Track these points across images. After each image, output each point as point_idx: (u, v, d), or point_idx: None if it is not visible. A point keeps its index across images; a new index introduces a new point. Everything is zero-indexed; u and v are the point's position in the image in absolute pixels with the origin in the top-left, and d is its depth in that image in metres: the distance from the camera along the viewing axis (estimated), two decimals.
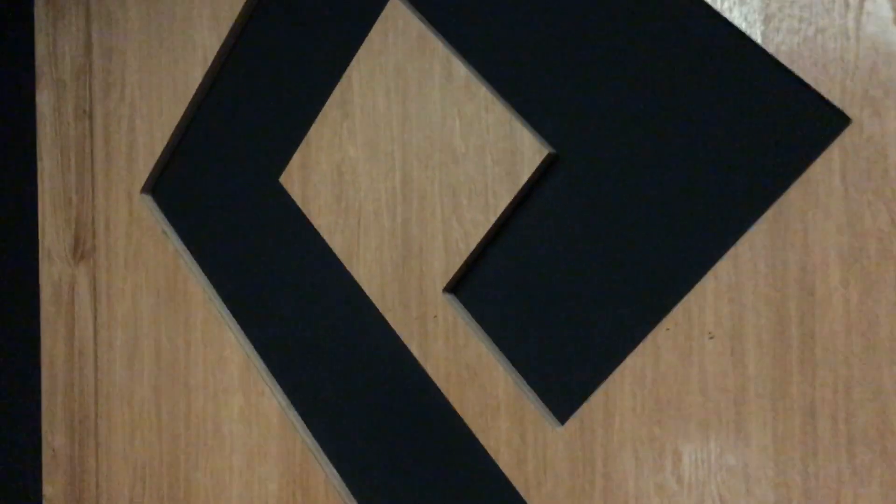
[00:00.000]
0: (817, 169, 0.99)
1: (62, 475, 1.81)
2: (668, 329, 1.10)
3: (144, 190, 1.68)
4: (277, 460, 1.48)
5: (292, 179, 1.47)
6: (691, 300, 1.08)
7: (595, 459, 1.16)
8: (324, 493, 1.43)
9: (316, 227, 1.44)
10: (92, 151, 1.74)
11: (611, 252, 1.16)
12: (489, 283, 1.29)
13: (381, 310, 1.37)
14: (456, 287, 1.31)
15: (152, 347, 1.66)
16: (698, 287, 1.07)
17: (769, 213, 1.02)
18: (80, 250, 1.76)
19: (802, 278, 1.00)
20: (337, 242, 1.42)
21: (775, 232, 1.02)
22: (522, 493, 1.22)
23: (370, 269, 1.38)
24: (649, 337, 1.11)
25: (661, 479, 1.10)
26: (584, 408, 1.17)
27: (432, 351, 1.31)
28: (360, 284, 1.39)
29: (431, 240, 1.31)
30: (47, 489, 1.83)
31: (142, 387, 1.68)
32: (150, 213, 1.66)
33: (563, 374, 1.21)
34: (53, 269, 1.81)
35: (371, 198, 1.37)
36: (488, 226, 1.26)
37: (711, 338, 1.06)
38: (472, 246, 1.27)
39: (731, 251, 1.05)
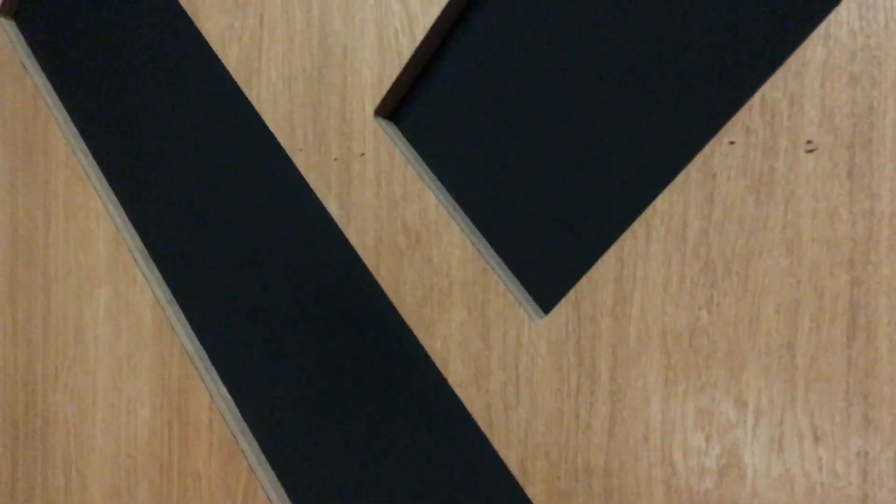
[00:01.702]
0: None
1: None
2: (732, 142, 0.63)
3: (3, 13, 1.23)
4: (150, 375, 1.05)
5: None
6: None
7: (597, 366, 0.70)
8: (207, 423, 0.99)
9: (205, 35, 0.99)
10: None
11: (613, 55, 0.70)
12: (441, 102, 0.83)
13: (288, 151, 0.92)
14: (394, 110, 0.85)
15: (7, 224, 1.22)
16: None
17: None
18: None
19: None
20: (232, 57, 0.96)
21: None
22: (482, 425, 0.77)
23: (274, 92, 0.92)
24: (701, 155, 0.65)
25: (705, 399, 0.65)
26: (581, 288, 0.71)
27: (358, 208, 0.86)
28: (262, 115, 0.94)
29: (360, 37, 0.85)
30: None
31: None
32: (8, 41, 1.22)
33: (550, 238, 0.76)
34: None
35: None
36: (440, 10, 0.80)
37: (811, 149, 0.60)
38: (418, 42, 0.81)
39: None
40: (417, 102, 0.85)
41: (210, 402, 0.99)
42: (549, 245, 0.76)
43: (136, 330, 1.06)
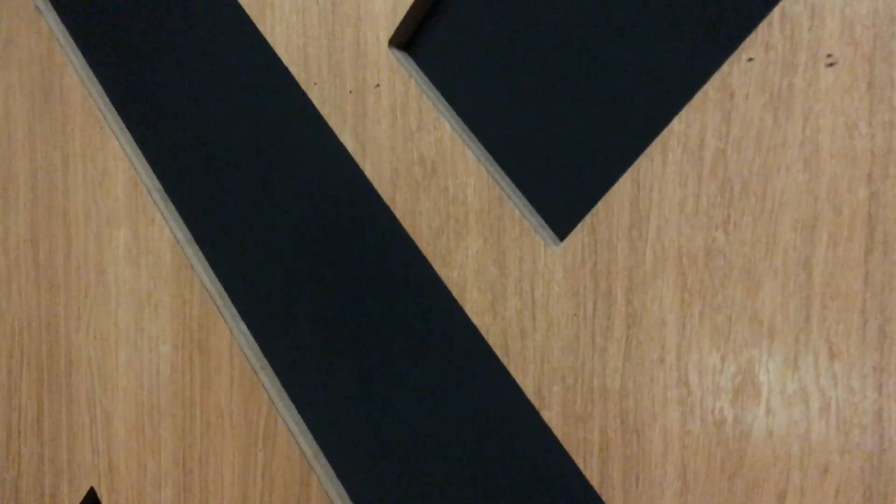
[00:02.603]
0: None
1: None
2: (750, 59, 0.63)
3: None
4: (171, 314, 1.06)
5: None
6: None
7: (613, 290, 0.70)
8: (227, 358, 1.00)
9: None
10: None
11: None
12: (456, 31, 0.82)
13: (302, 84, 0.92)
14: (408, 40, 0.85)
15: (26, 167, 1.23)
16: None
17: None
18: None
19: None
20: None
21: None
22: (499, 352, 0.78)
23: (287, 25, 0.92)
24: (723, 68, 0.64)
25: (720, 318, 0.65)
26: (597, 212, 0.71)
27: (373, 140, 0.86)
28: (275, 49, 0.94)
29: None
30: None
31: (17, 223, 1.26)
32: None
33: (565, 165, 0.76)
34: None
35: None
36: None
37: (831, 64, 0.59)
38: None
39: None
40: (432, 32, 0.84)
41: (230, 338, 1.00)
42: (563, 171, 0.76)
43: (155, 269, 1.07)
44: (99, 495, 1.16)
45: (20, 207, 1.25)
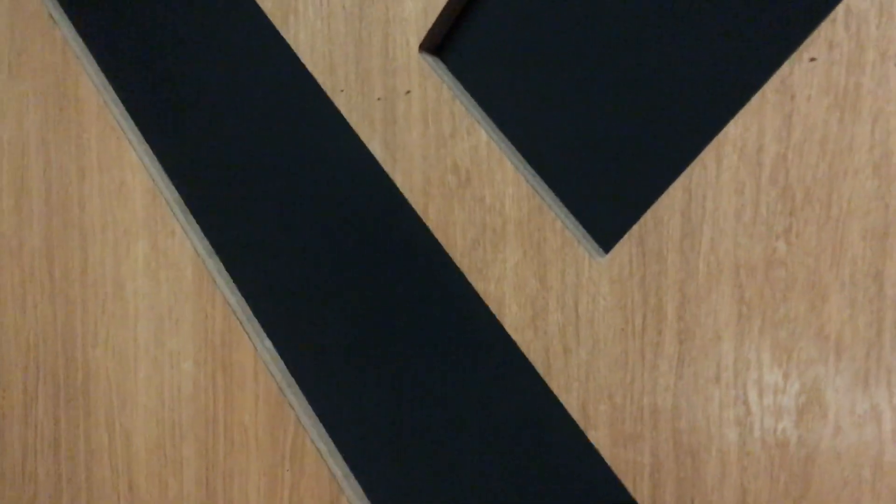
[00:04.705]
0: None
1: None
2: (812, 59, 0.59)
3: None
4: (193, 329, 1.03)
5: None
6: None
7: (664, 304, 0.67)
8: (252, 375, 0.97)
9: None
10: None
11: None
12: (489, 34, 0.79)
13: (328, 92, 0.88)
14: (440, 44, 0.82)
15: (41, 179, 1.20)
16: None
17: None
18: None
19: None
20: None
21: None
22: (540, 369, 0.74)
23: (313, 31, 0.89)
24: (776, 76, 0.61)
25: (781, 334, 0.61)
26: (646, 222, 0.68)
27: (404, 148, 0.83)
28: (300, 56, 0.90)
29: None
30: None
31: (31, 236, 1.23)
32: None
33: (608, 172, 0.72)
34: None
35: None
36: None
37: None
38: None
39: None
40: (464, 35, 0.81)
41: (255, 354, 0.97)
42: (608, 180, 0.73)
43: (176, 283, 1.04)
44: None
45: (34, 219, 1.22)
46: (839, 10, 0.58)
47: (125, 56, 1.12)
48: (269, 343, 0.98)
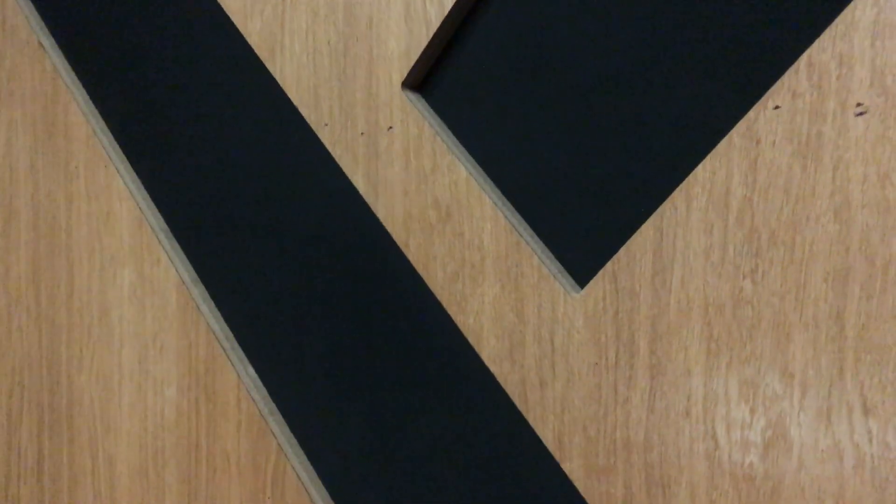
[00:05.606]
0: None
1: None
2: (777, 107, 0.62)
3: None
4: (177, 356, 1.04)
5: None
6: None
7: (636, 339, 0.69)
8: (235, 402, 0.98)
9: (226, 10, 0.97)
10: None
11: (649, 20, 0.68)
12: (470, 72, 0.81)
13: (313, 126, 0.90)
14: (422, 82, 0.84)
15: (29, 205, 1.22)
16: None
17: None
18: None
19: None
20: (254, 31, 0.95)
21: None
22: (517, 401, 0.76)
23: (298, 66, 0.91)
24: (751, 114, 0.63)
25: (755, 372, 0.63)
26: (619, 259, 0.70)
27: (386, 183, 0.85)
28: (286, 90, 0.92)
29: (386, 7, 0.84)
30: None
31: (18, 261, 1.24)
32: (25, 21, 1.20)
33: (584, 211, 0.74)
34: None
35: None
36: None
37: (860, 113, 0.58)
38: (447, 11, 0.80)
39: None
40: (446, 73, 0.83)
41: (238, 382, 0.98)
42: (583, 218, 0.75)
43: (161, 310, 1.06)
44: None
45: (21, 245, 1.24)
46: (802, 60, 0.60)
47: (114, 85, 1.13)
48: (251, 371, 0.99)
